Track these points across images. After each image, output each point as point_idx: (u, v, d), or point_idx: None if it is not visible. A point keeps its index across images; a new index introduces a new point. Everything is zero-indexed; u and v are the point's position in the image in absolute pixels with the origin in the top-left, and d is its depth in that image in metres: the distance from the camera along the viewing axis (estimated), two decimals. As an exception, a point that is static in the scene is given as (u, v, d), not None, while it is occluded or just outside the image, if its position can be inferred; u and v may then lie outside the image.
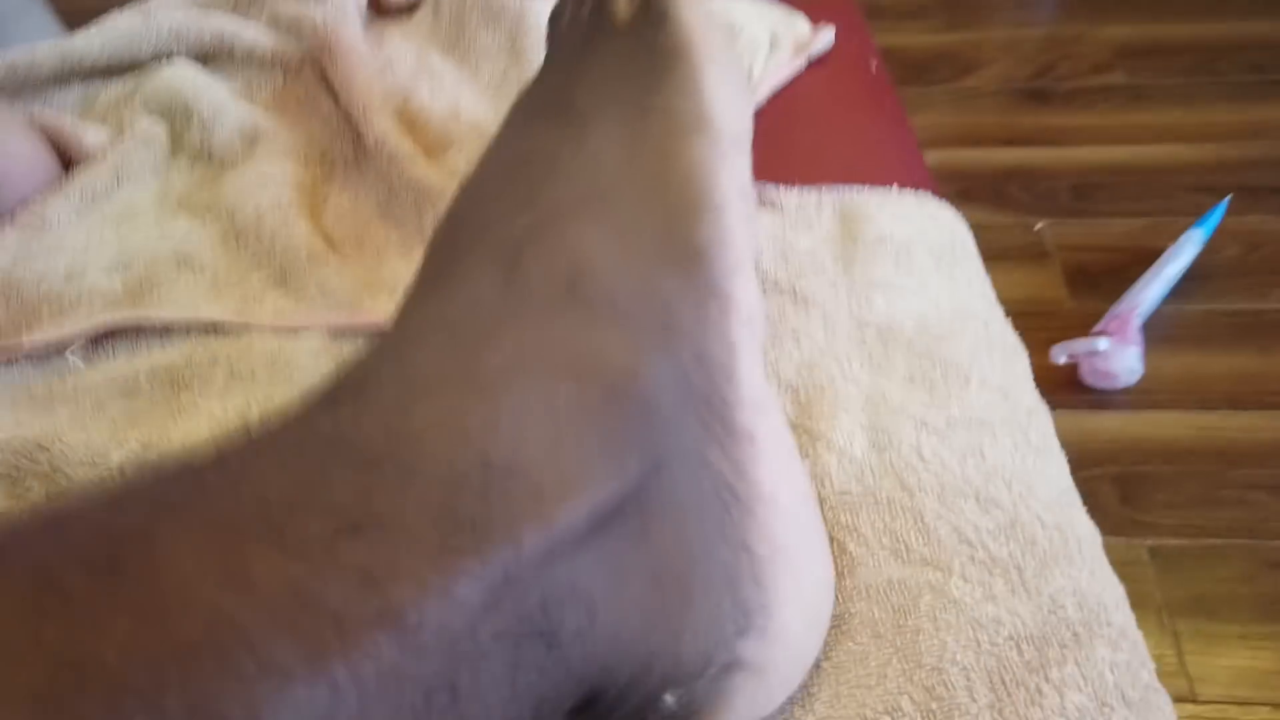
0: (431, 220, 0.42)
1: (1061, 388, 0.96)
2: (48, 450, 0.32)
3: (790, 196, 0.42)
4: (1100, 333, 0.94)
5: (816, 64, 0.51)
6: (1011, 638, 0.28)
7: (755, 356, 0.29)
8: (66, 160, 0.45)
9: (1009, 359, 0.37)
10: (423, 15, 0.54)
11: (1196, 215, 1.07)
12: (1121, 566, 0.89)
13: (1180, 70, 1.34)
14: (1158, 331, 1.00)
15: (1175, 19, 1.44)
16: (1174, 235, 1.05)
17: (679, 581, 0.23)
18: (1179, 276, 1.01)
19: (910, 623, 0.29)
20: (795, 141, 0.46)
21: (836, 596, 0.30)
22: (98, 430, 0.34)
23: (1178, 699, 0.71)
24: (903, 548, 0.31)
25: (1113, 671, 0.28)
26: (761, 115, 0.47)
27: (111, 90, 0.49)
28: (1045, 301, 1.05)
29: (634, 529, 0.23)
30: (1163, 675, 0.28)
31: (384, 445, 0.20)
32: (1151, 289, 0.96)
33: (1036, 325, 1.03)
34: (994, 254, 1.16)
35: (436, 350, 0.24)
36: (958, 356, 0.36)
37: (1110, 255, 1.09)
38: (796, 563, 0.26)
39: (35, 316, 0.38)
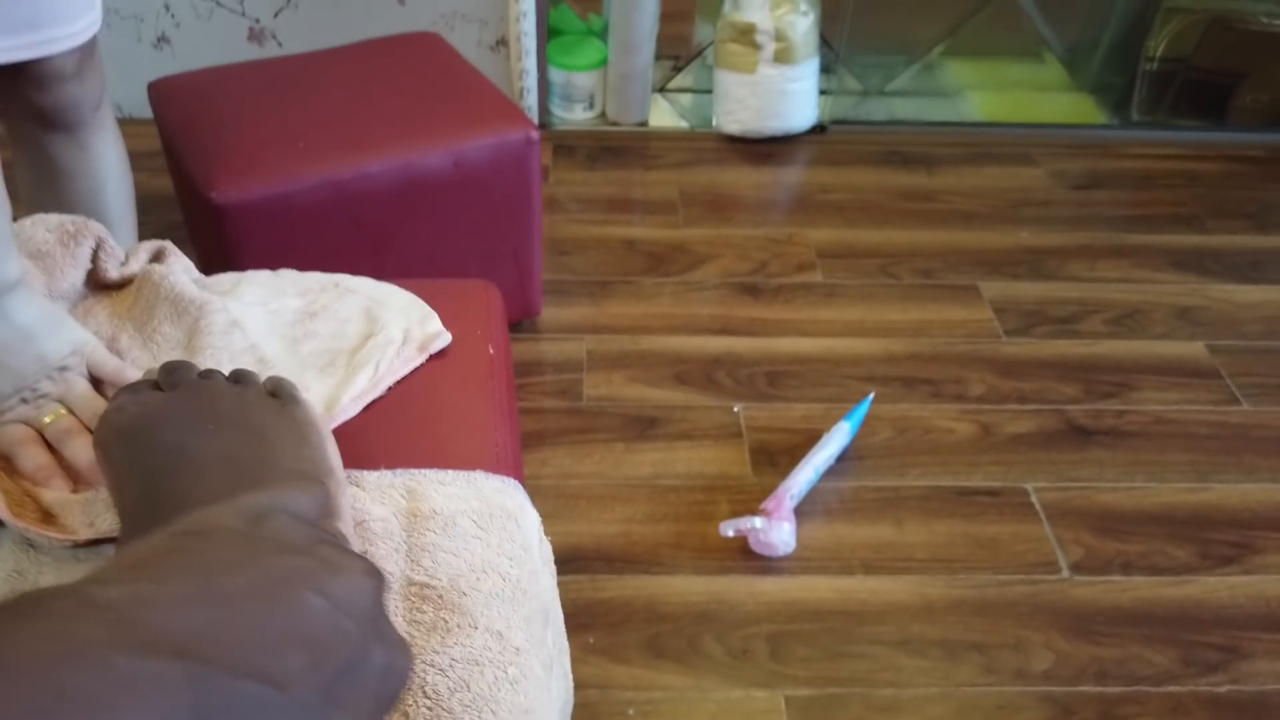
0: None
1: (736, 555, 1.14)
2: None
3: (370, 477, 0.56)
4: (761, 510, 1.13)
5: (440, 355, 0.66)
6: (447, 828, 0.42)
7: None
8: None
9: (515, 606, 0.51)
10: (129, 291, 0.66)
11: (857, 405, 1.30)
12: (761, 715, 1.07)
13: (866, 272, 1.62)
14: (818, 506, 1.20)
15: (868, 225, 1.73)
16: (840, 421, 1.28)
17: None
18: (831, 461, 1.22)
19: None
20: (396, 426, 0.61)
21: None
22: None
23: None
24: (393, 763, 0.44)
25: None
26: (379, 404, 0.62)
27: None
28: (732, 476, 1.25)
29: None
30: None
31: None
32: (804, 473, 1.17)
33: (723, 498, 1.22)
34: (697, 433, 1.36)
35: None
36: (474, 607, 0.50)
37: (789, 436, 1.30)
38: None
39: None
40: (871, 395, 1.31)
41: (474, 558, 0.53)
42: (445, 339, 0.66)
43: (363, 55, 1.41)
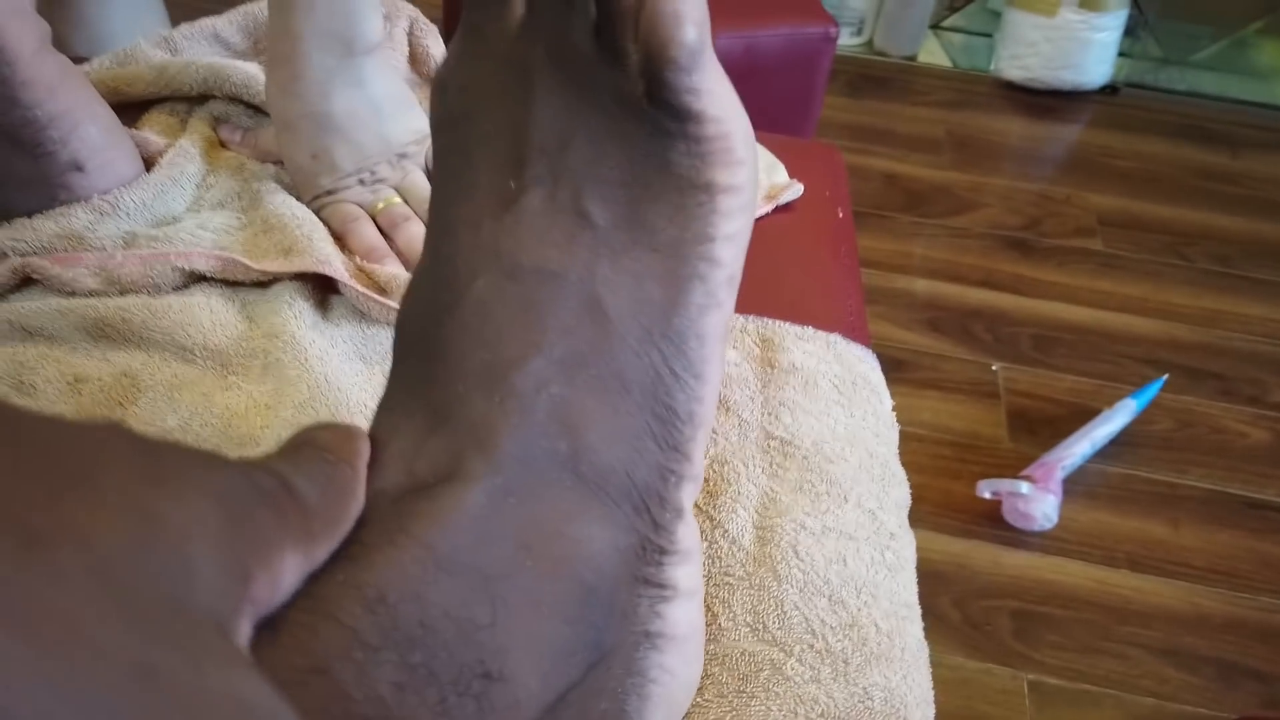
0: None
1: (983, 520, 1.03)
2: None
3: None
4: (1026, 477, 1.01)
5: (787, 208, 0.59)
6: (823, 715, 0.34)
7: (690, 509, 0.31)
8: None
9: (886, 487, 0.43)
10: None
11: (1138, 385, 1.16)
12: (1000, 694, 0.96)
13: (1153, 248, 1.44)
14: (1080, 486, 1.07)
15: (1158, 199, 1.55)
16: (1113, 400, 1.13)
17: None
18: (1108, 439, 1.08)
19: (748, 689, 0.35)
20: (743, 272, 0.53)
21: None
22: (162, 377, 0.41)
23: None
24: (761, 626, 0.37)
25: (897, 758, 0.34)
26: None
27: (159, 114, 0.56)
28: (985, 438, 1.13)
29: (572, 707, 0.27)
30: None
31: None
32: (1079, 446, 1.04)
33: (973, 458, 1.10)
34: (948, 385, 1.24)
35: (445, 542, 0.25)
36: (842, 477, 0.42)
37: (1052, 406, 1.17)
38: (674, 685, 0.31)
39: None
40: (1164, 378, 1.15)
41: (837, 425, 0.45)
42: (796, 190, 0.58)
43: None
